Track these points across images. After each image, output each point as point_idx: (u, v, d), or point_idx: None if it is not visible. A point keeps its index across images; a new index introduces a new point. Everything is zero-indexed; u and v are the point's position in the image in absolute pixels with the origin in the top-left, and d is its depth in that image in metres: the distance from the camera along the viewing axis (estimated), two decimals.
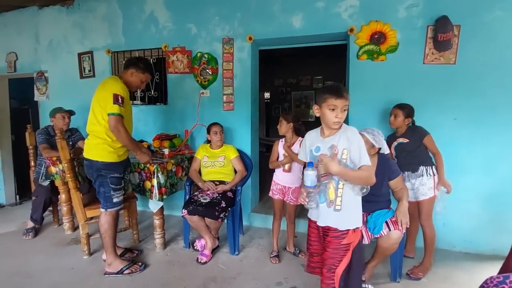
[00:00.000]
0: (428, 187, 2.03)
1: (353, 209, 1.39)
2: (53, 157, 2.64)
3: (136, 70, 2.10)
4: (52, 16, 3.57)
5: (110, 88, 1.95)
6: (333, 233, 1.38)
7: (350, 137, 1.33)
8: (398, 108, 2.14)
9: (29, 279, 2.08)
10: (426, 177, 2.05)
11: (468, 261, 2.30)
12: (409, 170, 2.11)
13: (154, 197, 2.24)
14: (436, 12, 2.30)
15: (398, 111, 2.13)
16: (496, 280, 1.04)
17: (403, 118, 2.11)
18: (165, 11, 3.09)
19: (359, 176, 1.32)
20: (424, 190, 2.04)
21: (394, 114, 2.14)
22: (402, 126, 2.13)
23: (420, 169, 2.07)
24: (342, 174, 1.30)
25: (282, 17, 2.72)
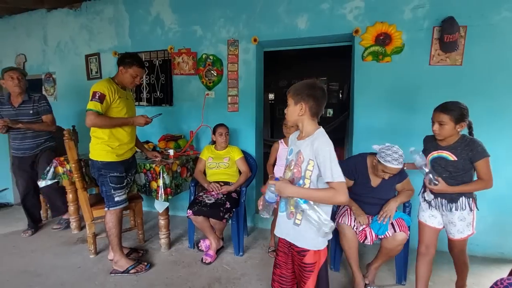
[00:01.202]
0: (467, 222, 1.63)
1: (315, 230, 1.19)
2: (60, 158, 2.68)
3: (124, 67, 2.09)
4: (60, 18, 3.63)
5: (92, 88, 1.99)
6: (295, 247, 1.26)
7: (316, 148, 1.17)
8: (443, 111, 1.54)
9: (36, 277, 2.11)
10: (467, 211, 1.61)
11: (474, 264, 2.26)
12: (445, 197, 1.64)
13: (160, 198, 2.26)
14: (442, 13, 2.29)
15: (443, 116, 1.53)
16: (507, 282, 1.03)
17: (453, 125, 1.53)
18: (171, 13, 3.13)
19: (321, 197, 1.16)
20: (462, 226, 1.63)
21: (438, 121, 1.55)
22: (452, 135, 1.57)
23: (460, 201, 1.61)
24: (301, 195, 1.17)
25: (287, 18, 2.73)
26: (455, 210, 1.62)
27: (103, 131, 2.03)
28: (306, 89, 1.22)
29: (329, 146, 1.17)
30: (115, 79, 2.11)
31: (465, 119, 1.54)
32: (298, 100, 1.22)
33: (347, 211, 1.95)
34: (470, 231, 1.65)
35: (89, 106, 1.94)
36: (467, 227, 1.64)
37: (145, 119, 2.14)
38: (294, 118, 1.26)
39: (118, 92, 2.06)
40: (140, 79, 2.18)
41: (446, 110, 1.53)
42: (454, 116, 1.52)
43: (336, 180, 1.13)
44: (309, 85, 1.23)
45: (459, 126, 1.53)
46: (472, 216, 1.64)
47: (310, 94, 1.21)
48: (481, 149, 1.52)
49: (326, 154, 1.15)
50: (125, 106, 2.11)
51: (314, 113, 1.24)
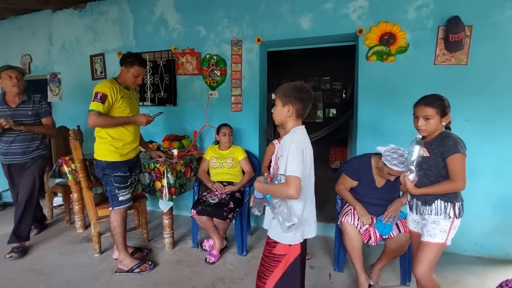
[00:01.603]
0: (441, 229, 1.42)
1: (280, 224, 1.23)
2: (65, 157, 2.71)
3: (126, 66, 2.11)
4: (65, 19, 3.66)
5: (95, 89, 2.01)
6: (268, 238, 1.33)
7: (282, 143, 1.24)
8: (427, 105, 1.40)
9: (42, 276, 2.14)
10: (443, 216, 1.41)
11: (479, 265, 2.26)
12: (419, 199, 1.48)
13: (164, 197, 2.27)
14: (447, 12, 2.27)
15: (428, 110, 1.39)
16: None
17: (439, 118, 1.40)
18: (175, 14, 3.14)
19: (274, 190, 1.21)
20: (435, 230, 1.42)
21: (424, 116, 1.41)
22: (437, 130, 1.43)
23: (436, 205, 1.42)
24: (262, 190, 1.26)
25: (290, 18, 2.73)
26: (428, 214, 1.44)
27: (106, 131, 2.05)
28: (294, 92, 1.27)
29: (295, 142, 1.20)
30: (118, 79, 2.13)
31: (449, 111, 1.42)
32: (286, 102, 1.27)
33: (351, 210, 1.95)
34: (443, 240, 1.40)
35: (91, 106, 1.97)
36: (440, 233, 1.41)
37: (146, 118, 2.14)
38: (281, 118, 1.32)
39: (121, 92, 2.07)
40: (142, 78, 2.19)
41: (431, 103, 1.40)
42: (439, 109, 1.39)
43: (288, 174, 1.16)
44: (298, 88, 1.28)
45: (444, 119, 1.41)
46: (450, 224, 1.40)
47: (298, 97, 1.26)
48: (453, 144, 1.34)
49: (287, 148, 1.20)
50: (128, 105, 2.13)
51: (300, 115, 1.30)
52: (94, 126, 2.01)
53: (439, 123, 1.41)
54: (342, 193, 2.03)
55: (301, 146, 1.21)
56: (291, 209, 1.22)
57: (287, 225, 1.17)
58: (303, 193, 1.22)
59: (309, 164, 1.28)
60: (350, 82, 5.60)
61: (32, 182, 2.48)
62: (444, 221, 1.41)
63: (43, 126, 2.54)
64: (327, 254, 2.42)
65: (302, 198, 1.25)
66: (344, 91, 6.61)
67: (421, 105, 1.42)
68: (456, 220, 1.42)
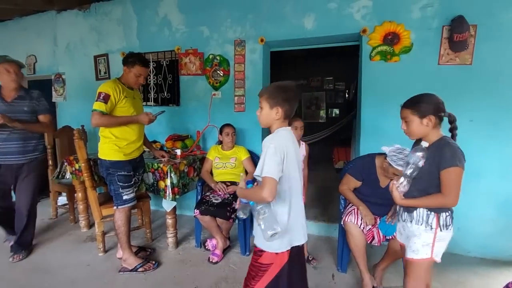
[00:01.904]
0: (423, 242, 1.30)
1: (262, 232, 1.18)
2: (70, 157, 2.73)
3: (127, 66, 2.12)
4: (70, 20, 3.68)
5: (98, 89, 2.04)
6: (254, 247, 1.30)
7: (262, 144, 1.20)
8: (405, 106, 1.34)
9: (46, 275, 2.15)
10: (424, 227, 1.29)
11: (483, 266, 2.24)
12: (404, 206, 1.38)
13: (167, 197, 2.28)
14: (452, 12, 2.26)
15: (405, 111, 1.33)
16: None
17: (418, 120, 1.29)
18: (178, 14, 3.15)
19: (250, 194, 1.18)
20: (417, 245, 1.31)
21: (403, 117, 1.35)
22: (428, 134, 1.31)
23: (417, 212, 1.32)
24: (242, 195, 1.24)
25: (293, 18, 2.72)
26: (409, 223, 1.34)
27: (110, 130, 2.07)
28: (281, 93, 1.22)
29: (275, 143, 1.15)
30: (122, 80, 2.16)
31: (434, 111, 1.27)
32: (274, 104, 1.22)
33: (354, 210, 1.95)
34: (427, 255, 1.29)
35: (94, 106, 1.99)
36: (422, 247, 1.29)
37: (148, 117, 2.14)
38: (268, 121, 1.27)
39: (124, 92, 2.09)
40: (144, 78, 2.20)
41: (406, 105, 1.32)
42: (416, 110, 1.28)
43: (264, 175, 1.12)
44: (284, 88, 1.24)
45: (427, 120, 1.27)
46: (433, 236, 1.28)
47: (285, 98, 1.22)
48: (451, 155, 1.22)
49: (266, 149, 1.16)
50: (132, 105, 2.14)
51: (288, 116, 1.25)
52: (97, 125, 2.03)
53: (420, 125, 1.29)
54: (346, 193, 2.02)
55: (282, 147, 1.16)
56: (275, 215, 1.17)
57: (269, 233, 1.11)
58: (286, 197, 1.18)
59: (293, 167, 1.22)
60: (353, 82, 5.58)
61: (32, 193, 2.38)
62: (425, 233, 1.29)
63: (40, 124, 2.36)
64: (331, 254, 2.42)
65: (286, 203, 1.20)
66: (347, 91, 6.59)
67: (402, 106, 1.36)
68: (441, 233, 1.28)
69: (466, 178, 2.35)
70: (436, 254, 1.30)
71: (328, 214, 2.91)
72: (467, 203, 2.34)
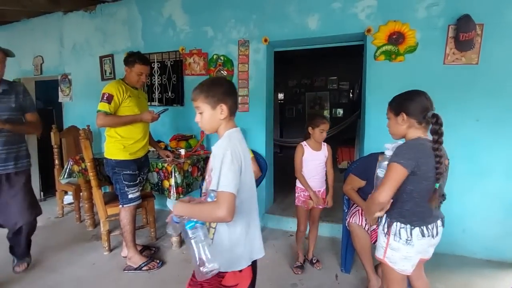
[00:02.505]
0: (380, 243, 1.32)
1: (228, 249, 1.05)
2: (76, 156, 2.76)
3: (128, 66, 2.15)
4: (76, 21, 3.73)
5: (102, 90, 2.08)
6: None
7: (215, 152, 1.02)
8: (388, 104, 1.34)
9: (52, 273, 2.18)
10: (381, 229, 1.32)
11: (489, 268, 2.22)
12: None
13: (172, 196, 2.29)
14: (458, 11, 2.23)
15: (387, 108, 1.34)
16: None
17: (394, 119, 1.29)
18: (182, 15, 3.16)
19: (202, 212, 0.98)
20: (377, 243, 1.36)
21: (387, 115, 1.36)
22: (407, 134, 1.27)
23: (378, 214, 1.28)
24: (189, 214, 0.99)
25: (297, 18, 2.72)
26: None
27: (115, 130, 2.11)
28: (219, 87, 1.07)
29: (231, 149, 0.98)
30: (125, 80, 2.19)
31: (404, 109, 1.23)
32: (215, 102, 1.05)
33: (358, 211, 1.94)
34: (381, 255, 1.29)
35: (98, 107, 2.03)
36: (380, 247, 1.31)
37: (151, 115, 2.16)
38: (214, 124, 1.09)
39: (128, 92, 2.13)
40: (145, 76, 2.21)
41: (390, 101, 1.30)
42: (392, 107, 1.27)
43: (221, 189, 0.94)
44: (219, 82, 1.13)
45: (400, 118, 1.24)
46: (386, 241, 1.27)
47: (225, 91, 1.07)
48: (395, 153, 1.20)
49: (221, 157, 0.97)
50: (137, 105, 2.17)
51: (233, 111, 1.10)
52: (102, 126, 2.07)
53: (396, 124, 1.27)
54: (350, 193, 2.02)
55: (239, 154, 1.00)
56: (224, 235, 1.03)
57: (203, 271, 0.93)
58: (245, 208, 1.04)
59: (250, 173, 1.11)
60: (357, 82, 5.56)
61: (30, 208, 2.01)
62: (381, 235, 1.30)
63: (30, 125, 2.02)
64: (334, 255, 2.41)
65: (244, 215, 1.05)
66: (352, 91, 6.56)
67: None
68: (394, 241, 1.23)
69: (472, 178, 2.35)
70: (390, 260, 1.26)
71: (332, 215, 2.90)
72: (473, 204, 2.33)
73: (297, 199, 2.17)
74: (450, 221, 1.99)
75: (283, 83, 7.05)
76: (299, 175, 2.12)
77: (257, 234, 1.15)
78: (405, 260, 1.24)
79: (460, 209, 2.32)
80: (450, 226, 2.02)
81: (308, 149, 2.11)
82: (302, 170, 2.10)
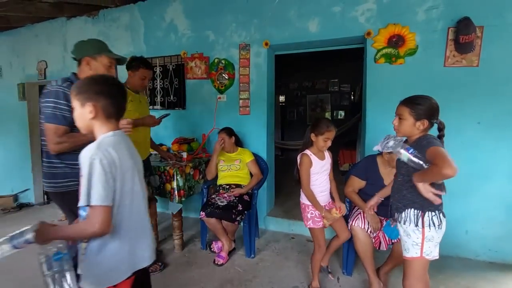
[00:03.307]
0: (412, 242, 1.31)
1: (100, 263, 0.96)
2: None
3: (132, 70, 2.18)
4: (79, 26, 3.77)
5: None
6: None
7: (81, 161, 0.92)
8: (404, 104, 1.34)
9: None
10: (412, 227, 1.30)
11: (492, 271, 2.20)
12: (393, 204, 1.42)
13: (173, 199, 2.31)
14: (457, 13, 2.24)
15: (403, 109, 1.33)
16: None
17: (413, 121, 1.31)
18: (184, 19, 3.20)
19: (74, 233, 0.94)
20: (407, 244, 1.34)
21: (398, 114, 1.37)
22: (414, 134, 1.35)
23: (406, 213, 1.32)
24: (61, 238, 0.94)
25: (298, 22, 2.74)
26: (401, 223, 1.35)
27: None
28: (93, 86, 0.99)
29: (98, 156, 0.89)
30: (127, 84, 2.20)
31: (430, 117, 1.29)
32: (85, 100, 0.97)
33: (360, 214, 1.94)
34: (417, 254, 1.29)
35: None
36: (412, 247, 1.31)
37: (153, 119, 2.19)
38: (84, 123, 1.00)
39: (130, 96, 2.14)
40: (148, 80, 2.25)
41: (408, 103, 1.32)
42: (415, 111, 1.29)
43: (93, 203, 0.86)
44: (96, 80, 1.02)
45: (420, 123, 1.29)
46: (421, 235, 1.28)
47: (99, 90, 0.98)
48: (427, 142, 1.25)
49: (87, 167, 0.88)
50: (137, 109, 2.19)
51: (110, 113, 1.00)
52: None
53: (412, 126, 1.31)
54: (351, 196, 2.03)
55: (111, 160, 0.91)
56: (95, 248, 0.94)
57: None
58: (126, 221, 0.96)
59: (134, 180, 1.01)
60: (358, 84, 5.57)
61: None
62: (414, 233, 1.30)
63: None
64: (336, 257, 2.41)
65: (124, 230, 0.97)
66: (353, 93, 6.57)
67: (400, 103, 1.37)
68: (429, 232, 1.27)
69: (474, 180, 2.34)
70: (426, 253, 1.30)
71: None
72: (476, 205, 2.32)
73: (306, 220, 1.87)
74: (453, 222, 2.00)
75: (284, 86, 7.07)
76: (308, 191, 1.80)
77: (146, 243, 1.06)
78: (436, 246, 1.31)
79: (463, 211, 2.32)
80: (453, 228, 2.03)
81: (315, 159, 1.81)
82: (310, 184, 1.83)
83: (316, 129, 1.79)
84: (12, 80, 4.24)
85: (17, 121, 4.22)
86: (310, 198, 1.81)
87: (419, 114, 1.30)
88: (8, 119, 4.29)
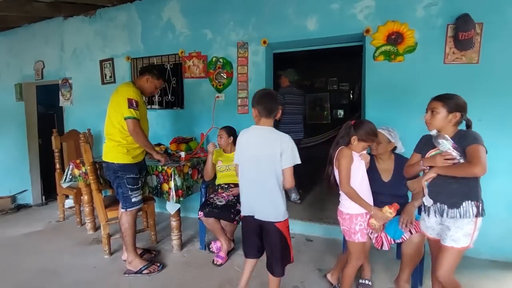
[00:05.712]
0: (465, 233, 1.39)
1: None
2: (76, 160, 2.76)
3: (152, 77, 2.23)
4: (76, 25, 3.75)
5: (124, 93, 2.06)
6: None
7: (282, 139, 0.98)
8: (437, 99, 1.45)
9: (54, 276, 2.18)
10: (467, 218, 1.38)
11: (495, 269, 2.19)
12: (445, 202, 1.42)
13: (171, 199, 2.29)
14: (457, 10, 2.22)
15: (436, 103, 1.43)
16: None
17: (445, 113, 1.41)
18: (181, 18, 3.18)
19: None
20: (458, 235, 1.39)
21: (431, 108, 1.45)
22: (445, 128, 1.43)
23: (464, 206, 1.38)
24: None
25: (296, 20, 2.72)
26: (455, 218, 1.39)
27: (125, 137, 2.10)
28: None
29: None
30: (136, 85, 2.21)
31: (461, 110, 1.41)
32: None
33: None
34: (467, 243, 1.39)
35: (130, 113, 2.04)
36: (463, 237, 1.38)
37: (164, 160, 2.36)
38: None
39: (141, 98, 2.20)
40: None
41: (440, 98, 1.45)
42: (448, 104, 1.41)
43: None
44: None
45: (452, 115, 1.40)
46: (474, 226, 1.38)
47: None
48: (473, 137, 1.36)
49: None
50: (141, 112, 2.19)
51: None
52: (136, 135, 2.07)
53: (445, 118, 1.42)
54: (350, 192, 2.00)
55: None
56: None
57: None
58: None
59: None
60: (357, 83, 5.55)
61: None
62: (468, 225, 1.39)
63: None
64: (335, 257, 2.38)
65: None
66: (352, 91, 6.54)
67: (433, 99, 1.48)
68: (479, 222, 1.40)
69: None
70: (472, 242, 1.42)
71: (333, 216, 2.87)
72: None
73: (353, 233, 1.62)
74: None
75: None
76: (350, 188, 1.57)
77: None
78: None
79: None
80: None
81: (356, 156, 1.62)
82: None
83: (363, 134, 1.60)
84: (10, 81, 4.22)
85: (15, 121, 4.19)
86: (355, 197, 1.57)
87: (451, 107, 1.41)
88: (5, 120, 4.27)
